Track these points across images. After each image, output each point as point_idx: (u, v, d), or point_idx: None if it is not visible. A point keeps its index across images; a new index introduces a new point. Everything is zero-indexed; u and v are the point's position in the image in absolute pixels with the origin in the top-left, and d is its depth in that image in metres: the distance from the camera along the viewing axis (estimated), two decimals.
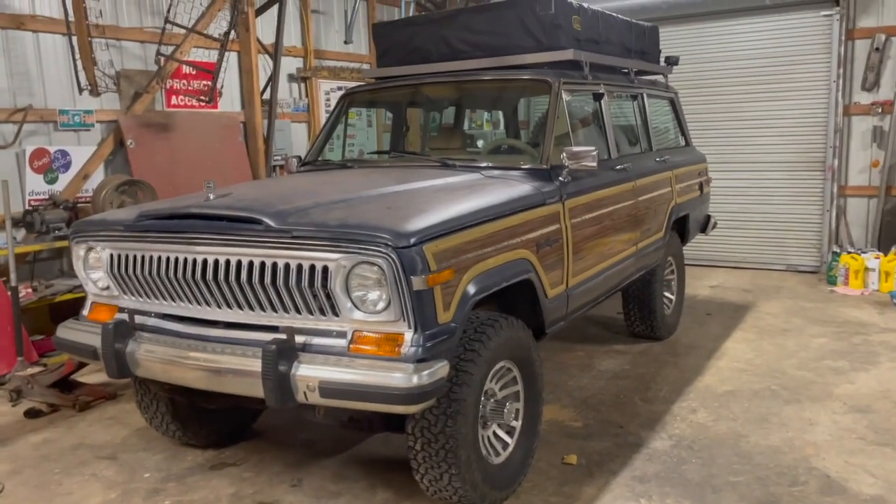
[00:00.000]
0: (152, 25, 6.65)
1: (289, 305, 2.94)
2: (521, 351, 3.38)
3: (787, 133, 8.16)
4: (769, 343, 5.71)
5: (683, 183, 5.79)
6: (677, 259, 5.97)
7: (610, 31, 5.05)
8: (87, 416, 4.58)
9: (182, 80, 7.05)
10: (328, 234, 2.83)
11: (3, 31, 5.70)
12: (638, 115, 5.42)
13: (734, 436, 4.05)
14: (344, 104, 4.92)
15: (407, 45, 4.93)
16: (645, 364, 5.28)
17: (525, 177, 3.86)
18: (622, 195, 4.65)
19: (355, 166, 4.54)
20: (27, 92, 5.86)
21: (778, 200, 8.31)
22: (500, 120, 6.93)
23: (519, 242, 3.43)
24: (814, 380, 4.88)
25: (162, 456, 3.99)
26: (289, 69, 8.29)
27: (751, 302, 6.99)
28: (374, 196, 3.35)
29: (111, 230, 3.36)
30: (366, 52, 9.31)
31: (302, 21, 8.41)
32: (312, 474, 3.73)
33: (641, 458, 3.81)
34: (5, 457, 4.03)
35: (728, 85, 8.38)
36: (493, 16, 4.58)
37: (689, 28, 8.44)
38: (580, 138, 4.54)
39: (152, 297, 3.31)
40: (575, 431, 4.16)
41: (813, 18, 7.86)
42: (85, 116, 6.20)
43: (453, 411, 2.95)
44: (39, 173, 5.90)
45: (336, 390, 2.73)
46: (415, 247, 2.77)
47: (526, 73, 4.40)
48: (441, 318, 2.88)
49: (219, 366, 2.97)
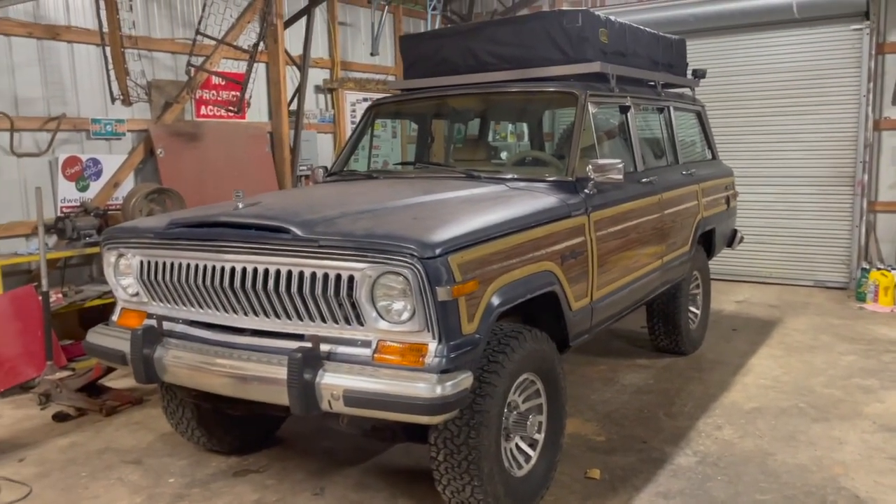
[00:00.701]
0: (183, 37, 6.77)
1: (314, 314, 2.96)
2: (544, 363, 3.37)
3: (816, 147, 8.07)
4: (797, 360, 5.63)
5: (710, 196, 5.74)
6: (703, 273, 5.92)
7: (637, 44, 5.04)
8: (113, 420, 4.64)
9: (211, 91, 7.17)
10: (354, 244, 2.85)
11: (39, 41, 5.84)
12: (664, 128, 5.40)
13: (761, 453, 3.99)
14: (370, 115, 4.96)
15: (433, 57, 4.96)
16: (669, 379, 5.23)
17: (550, 189, 3.86)
18: (648, 208, 4.63)
19: (381, 177, 4.57)
20: (61, 101, 5.99)
21: (806, 215, 8.21)
22: (525, 132, 6.94)
23: (544, 254, 3.42)
24: (842, 398, 4.80)
25: (186, 461, 4.03)
26: (316, 80, 8.40)
27: (778, 318, 6.91)
28: (400, 207, 3.37)
29: (142, 237, 3.42)
30: (391, 63, 9.39)
31: (329, 33, 8.51)
32: (335, 483, 3.74)
33: (666, 474, 3.77)
34: (34, 459, 4.09)
35: (756, 98, 8.31)
36: (519, 28, 4.60)
37: (717, 41, 8.40)
38: (606, 151, 4.53)
39: (181, 304, 3.35)
40: (598, 445, 4.13)
41: (842, 32, 7.78)
42: (116, 125, 6.33)
43: (476, 423, 2.95)
44: (71, 181, 6.02)
45: (360, 399, 2.75)
46: (440, 257, 2.78)
47: (552, 86, 4.40)
48: (465, 329, 2.88)
49: (245, 373, 3.00)
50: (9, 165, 5.69)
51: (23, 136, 5.74)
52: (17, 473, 3.90)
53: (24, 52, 5.74)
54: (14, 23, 5.64)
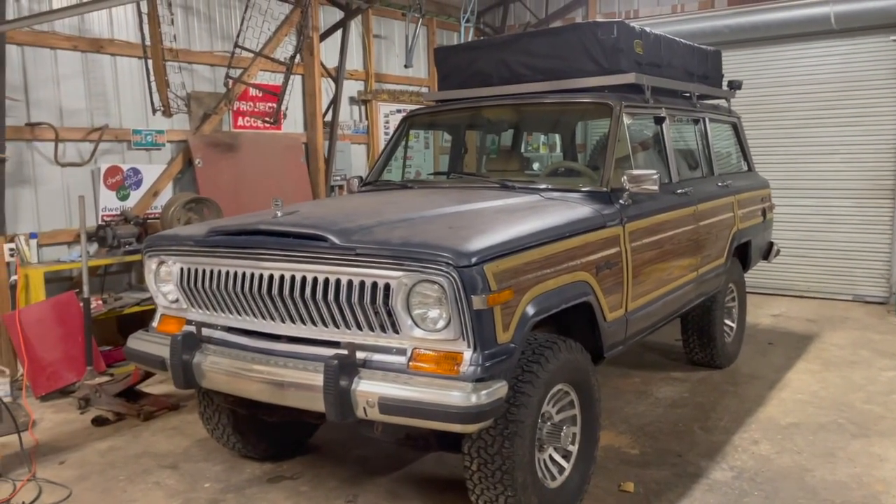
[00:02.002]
0: (222, 49, 6.91)
1: (351, 322, 2.99)
2: (579, 374, 3.36)
3: (854, 160, 7.94)
4: (835, 375, 5.52)
5: (746, 208, 5.68)
6: (739, 286, 5.85)
7: (672, 56, 5.02)
8: (150, 425, 4.72)
9: (248, 102, 7.29)
10: (391, 253, 2.87)
11: (84, 54, 6.00)
12: (700, 140, 5.36)
13: (799, 469, 3.92)
14: (405, 126, 5.00)
15: (468, 69, 4.99)
16: (704, 393, 5.16)
17: (585, 199, 3.86)
18: (683, 220, 4.60)
19: (415, 187, 4.60)
20: (104, 112, 6.15)
21: (844, 228, 8.06)
22: (558, 143, 6.93)
23: (578, 265, 3.42)
24: (883, 414, 4.70)
25: (222, 467, 4.08)
26: (350, 92, 8.50)
27: (815, 332, 6.78)
28: (436, 216, 3.39)
29: (182, 245, 3.48)
30: (425, 75, 9.46)
31: (364, 46, 8.61)
32: (367, 491, 3.75)
33: (701, 488, 3.72)
34: (74, 462, 4.18)
35: (793, 110, 8.21)
36: (554, 40, 4.61)
37: (753, 52, 8.32)
38: (641, 162, 4.52)
39: (219, 311, 3.40)
40: (632, 459, 4.09)
41: (881, 43, 7.65)
42: (157, 136, 6.47)
43: (510, 432, 2.95)
44: (112, 190, 6.15)
45: (395, 407, 2.76)
46: (475, 266, 2.79)
47: (587, 97, 4.40)
48: (500, 338, 2.88)
49: (281, 379, 3.04)
50: (53, 175, 5.84)
51: (66, 146, 5.90)
52: (58, 476, 3.98)
53: (68, 65, 5.91)
54: (60, 36, 5.81)
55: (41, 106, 5.76)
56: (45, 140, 5.76)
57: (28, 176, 5.71)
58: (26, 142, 5.69)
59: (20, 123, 5.63)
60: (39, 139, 5.74)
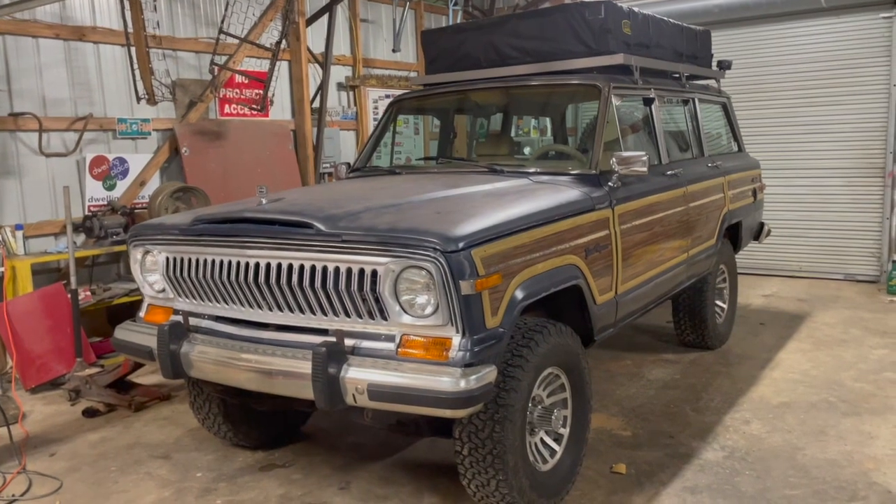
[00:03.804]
0: (207, 36, 6.83)
1: (338, 309, 2.97)
2: (569, 357, 3.35)
3: (845, 139, 7.93)
4: (826, 354, 5.54)
5: (736, 189, 5.67)
6: (730, 267, 5.85)
7: (661, 36, 4.99)
8: (142, 415, 4.70)
9: (235, 90, 7.22)
10: (377, 239, 2.85)
11: (66, 42, 5.92)
12: (689, 120, 5.34)
13: (790, 448, 3.94)
14: (392, 111, 4.96)
15: (455, 52, 4.94)
16: (696, 374, 5.17)
17: (574, 182, 3.83)
18: (673, 201, 4.58)
19: (404, 172, 4.56)
20: (88, 101, 6.08)
21: (835, 208, 8.07)
22: (548, 126, 6.90)
23: (567, 248, 3.40)
24: (873, 392, 4.72)
25: (213, 456, 4.07)
26: (338, 78, 8.43)
27: (806, 312, 6.80)
28: (423, 201, 3.37)
29: (168, 234, 3.45)
30: (413, 60, 9.40)
31: (351, 30, 8.54)
32: (360, 478, 3.75)
33: (693, 468, 3.73)
34: (65, 454, 4.16)
35: (783, 89, 8.19)
36: (542, 21, 4.57)
37: (743, 32, 8.28)
38: (630, 143, 4.49)
39: (206, 300, 3.38)
40: (624, 440, 4.10)
41: (871, 21, 7.62)
42: (142, 125, 6.40)
43: (501, 417, 2.94)
44: (98, 180, 6.10)
45: (384, 393, 2.75)
46: (463, 251, 2.77)
47: (575, 78, 4.37)
48: (489, 322, 2.87)
49: (270, 367, 3.02)
50: (37, 165, 5.78)
51: (51, 136, 5.83)
52: (49, 468, 3.97)
53: (51, 54, 5.83)
54: (41, 25, 5.73)
55: (24, 96, 5.69)
56: (28, 130, 5.70)
57: (12, 167, 5.65)
58: (10, 132, 5.62)
59: (3, 114, 5.56)
60: (23, 129, 5.68)
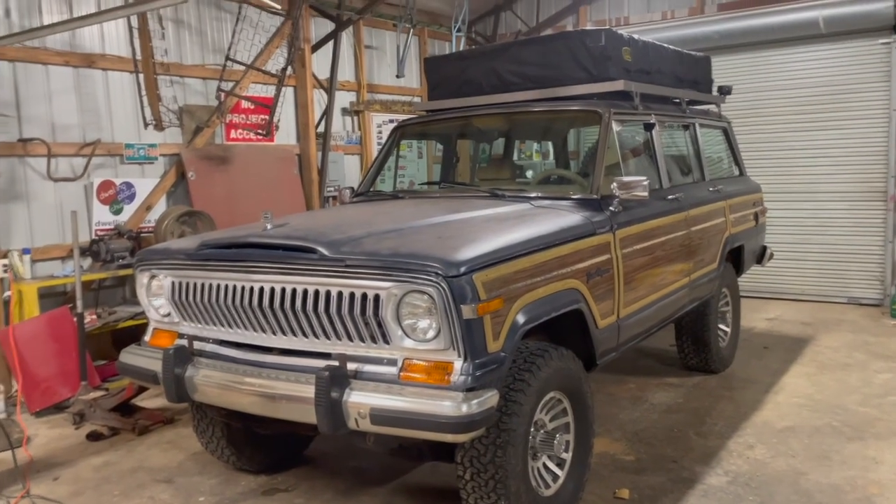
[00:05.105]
0: (213, 62, 6.93)
1: (341, 333, 3.00)
2: (571, 382, 3.36)
3: (846, 163, 7.96)
4: (830, 378, 5.53)
5: (738, 213, 5.70)
6: (732, 290, 5.86)
7: (661, 62, 5.05)
8: (145, 439, 4.71)
9: (241, 115, 7.31)
10: (380, 263, 2.88)
11: (76, 69, 6.02)
12: (690, 145, 5.39)
13: (793, 473, 3.92)
14: (396, 136, 5.02)
15: (458, 78, 5.01)
16: (699, 398, 5.16)
17: (575, 207, 3.87)
18: (674, 225, 4.61)
19: (407, 197, 4.61)
20: (96, 127, 6.16)
21: (837, 231, 8.08)
22: (550, 150, 6.96)
23: (569, 272, 3.43)
24: (878, 417, 4.70)
25: (216, 480, 4.07)
26: (342, 103, 8.52)
27: (810, 335, 6.79)
28: (426, 226, 3.40)
29: (173, 259, 3.49)
30: (416, 85, 9.50)
31: (355, 56, 8.64)
32: (362, 502, 3.75)
33: (696, 494, 3.72)
34: (68, 478, 4.16)
35: (783, 114, 8.24)
36: (543, 48, 4.64)
37: (743, 57, 8.36)
38: (631, 168, 4.53)
39: (211, 324, 3.40)
40: (627, 465, 4.09)
41: (870, 46, 7.69)
42: (149, 150, 6.48)
43: (503, 441, 2.95)
44: (106, 204, 6.16)
45: (386, 417, 2.76)
46: (465, 276, 2.80)
47: (576, 104, 4.42)
48: (491, 347, 2.89)
49: (273, 391, 3.03)
50: (46, 190, 5.85)
51: (59, 161, 5.90)
52: (52, 492, 3.97)
53: (60, 80, 5.92)
54: (51, 52, 5.82)
55: (33, 122, 5.77)
56: (37, 155, 5.77)
57: (21, 191, 5.72)
58: (19, 157, 5.69)
59: (12, 139, 5.64)
60: (32, 155, 5.75)
